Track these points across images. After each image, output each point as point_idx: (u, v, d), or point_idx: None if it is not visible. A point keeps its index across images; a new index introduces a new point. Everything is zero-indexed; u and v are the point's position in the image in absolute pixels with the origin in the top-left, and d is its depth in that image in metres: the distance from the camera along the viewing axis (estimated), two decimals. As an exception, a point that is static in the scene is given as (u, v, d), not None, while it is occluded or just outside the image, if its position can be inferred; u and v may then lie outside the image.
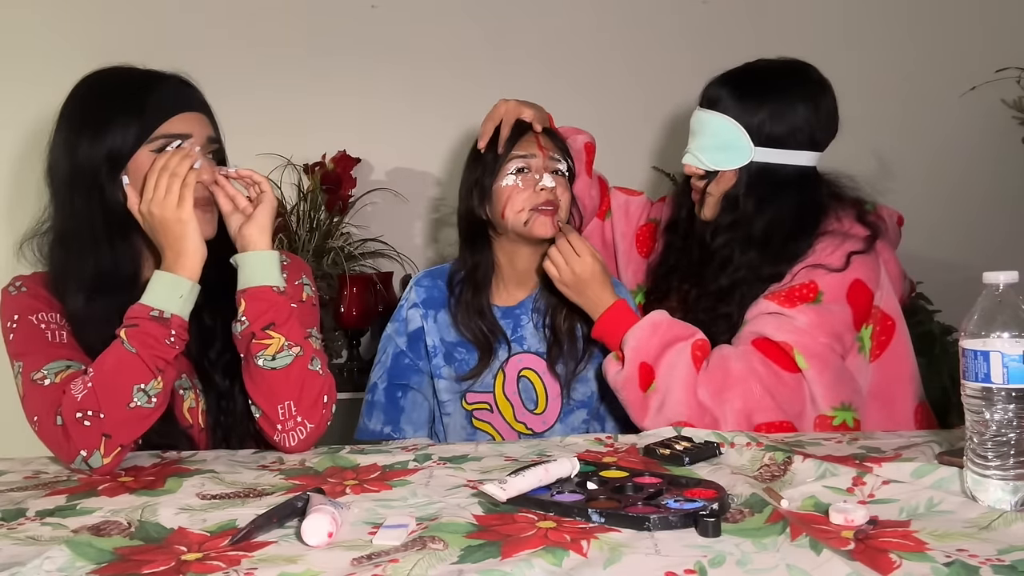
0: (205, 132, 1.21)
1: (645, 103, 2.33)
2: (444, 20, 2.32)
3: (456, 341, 1.53)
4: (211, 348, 1.25)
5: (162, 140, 1.17)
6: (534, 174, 1.45)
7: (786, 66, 1.44)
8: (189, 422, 1.24)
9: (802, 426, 1.29)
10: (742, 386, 1.28)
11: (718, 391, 1.28)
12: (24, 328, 1.18)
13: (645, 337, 1.34)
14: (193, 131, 1.19)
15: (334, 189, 2.17)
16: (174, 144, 1.17)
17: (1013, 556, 0.71)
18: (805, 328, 1.30)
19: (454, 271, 1.56)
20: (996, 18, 2.37)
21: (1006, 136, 2.36)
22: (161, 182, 1.12)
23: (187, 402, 1.24)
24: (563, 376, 1.50)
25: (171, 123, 1.18)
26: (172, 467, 1.10)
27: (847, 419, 1.31)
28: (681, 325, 1.36)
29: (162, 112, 1.18)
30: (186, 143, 1.18)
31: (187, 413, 1.24)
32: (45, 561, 0.74)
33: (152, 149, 1.17)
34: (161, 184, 1.12)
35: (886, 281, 1.38)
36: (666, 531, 0.79)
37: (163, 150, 1.17)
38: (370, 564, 0.73)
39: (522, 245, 1.49)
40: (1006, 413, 0.82)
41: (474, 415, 1.53)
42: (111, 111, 1.17)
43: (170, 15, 2.26)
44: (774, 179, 1.39)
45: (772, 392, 1.28)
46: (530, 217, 1.43)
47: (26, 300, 1.20)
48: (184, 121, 1.19)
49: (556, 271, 1.40)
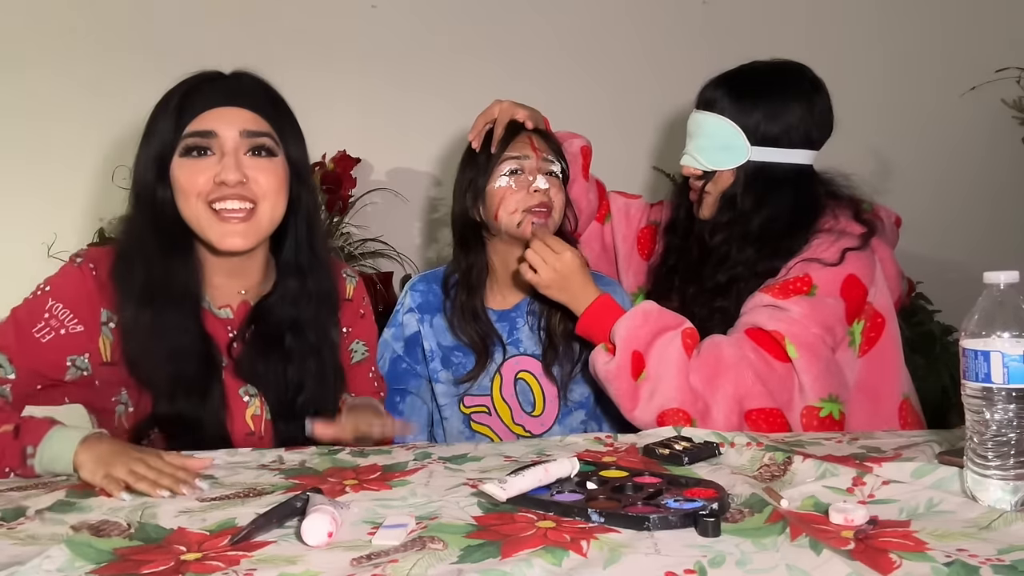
0: (239, 126, 1.14)
1: (645, 103, 2.33)
2: (444, 20, 2.32)
3: (453, 345, 1.53)
4: (294, 389, 1.22)
5: (188, 140, 1.13)
6: (527, 175, 1.45)
7: (781, 67, 1.46)
8: (251, 429, 1.22)
9: (790, 415, 1.30)
10: (734, 372, 1.29)
11: (710, 377, 1.29)
12: (36, 305, 1.14)
13: (635, 326, 1.34)
14: (221, 128, 1.13)
15: (334, 189, 2.17)
16: (207, 141, 1.13)
17: (1013, 556, 0.71)
18: (798, 318, 1.31)
19: (448, 273, 1.56)
20: (996, 18, 2.37)
21: (1006, 136, 2.36)
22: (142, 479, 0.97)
23: (251, 408, 1.22)
24: (559, 378, 1.50)
25: (199, 120, 1.14)
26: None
27: (833, 411, 1.31)
28: (670, 314, 1.37)
29: (192, 110, 1.14)
30: (211, 141, 1.13)
31: (250, 420, 1.22)
32: (45, 561, 0.74)
33: (179, 152, 1.14)
34: (141, 483, 0.96)
35: (881, 279, 1.39)
36: (666, 531, 0.79)
37: (188, 153, 1.13)
38: (369, 564, 0.73)
39: (516, 247, 1.49)
40: (1006, 413, 0.82)
41: (472, 418, 1.53)
42: (159, 116, 1.16)
43: (170, 15, 2.26)
44: (771, 177, 1.41)
45: (763, 379, 1.29)
46: (523, 219, 1.43)
47: (71, 287, 1.15)
48: (214, 117, 1.14)
49: (533, 274, 1.39)
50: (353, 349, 1.36)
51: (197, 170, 1.13)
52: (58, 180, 2.22)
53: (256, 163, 1.15)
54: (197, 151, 1.14)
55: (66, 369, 1.15)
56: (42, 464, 1.03)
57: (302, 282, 1.24)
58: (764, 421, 1.28)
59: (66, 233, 2.13)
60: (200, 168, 1.13)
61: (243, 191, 1.14)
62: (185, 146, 1.14)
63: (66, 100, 2.22)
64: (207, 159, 1.14)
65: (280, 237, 1.24)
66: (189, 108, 1.14)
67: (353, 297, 1.37)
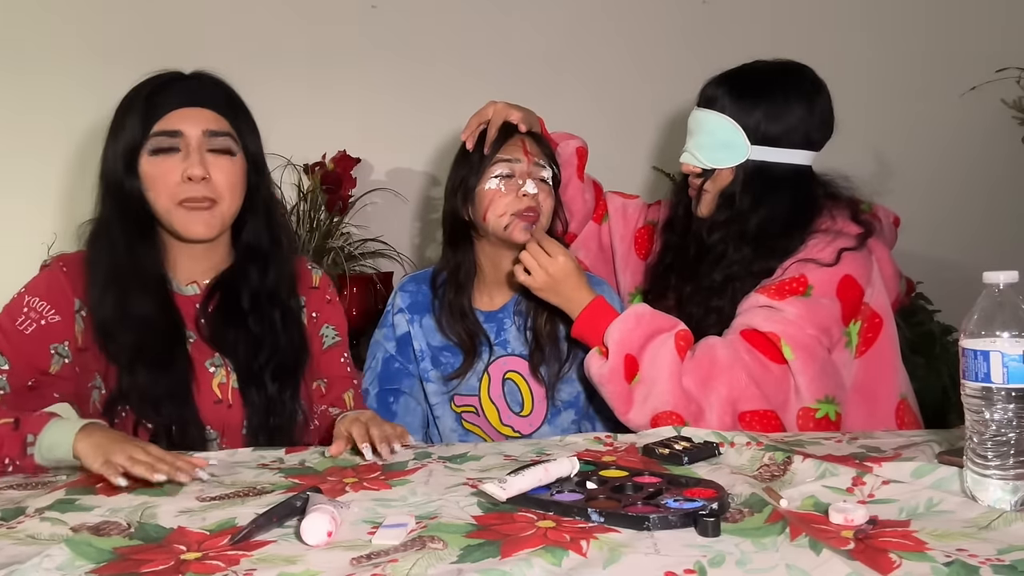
0: (202, 126, 1.24)
1: (645, 103, 2.33)
2: (444, 20, 2.32)
3: (442, 345, 1.53)
4: (260, 354, 1.29)
5: (155, 139, 1.22)
6: (518, 179, 1.45)
7: (782, 67, 1.45)
8: (218, 396, 1.27)
9: (785, 417, 1.30)
10: (728, 374, 1.29)
11: (704, 379, 1.29)
12: (14, 305, 1.23)
13: (628, 329, 1.34)
14: (187, 128, 1.22)
15: (334, 189, 2.17)
16: (170, 141, 1.22)
17: (1013, 556, 0.71)
18: (793, 319, 1.31)
19: (437, 272, 1.57)
20: (996, 18, 2.37)
21: (1006, 136, 2.36)
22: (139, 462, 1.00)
23: (217, 378, 1.28)
24: (547, 379, 1.50)
25: (166, 120, 1.23)
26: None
27: (829, 412, 1.31)
28: (663, 317, 1.37)
29: (159, 110, 1.23)
30: (177, 140, 1.22)
31: (216, 388, 1.27)
32: (44, 560, 0.74)
33: (148, 150, 1.22)
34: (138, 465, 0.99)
35: (878, 279, 1.39)
36: (666, 531, 0.79)
37: (157, 152, 1.22)
38: (369, 564, 0.73)
39: (504, 249, 1.49)
40: (1006, 413, 0.82)
41: (463, 417, 1.53)
42: (126, 113, 1.25)
43: (170, 14, 2.26)
44: (770, 176, 1.41)
45: (758, 381, 1.29)
46: (511, 222, 1.44)
47: (44, 283, 1.24)
48: (179, 117, 1.23)
49: (527, 276, 1.40)
50: (324, 334, 1.42)
51: (166, 168, 1.22)
52: (58, 180, 2.22)
53: (217, 161, 1.25)
54: (165, 149, 1.23)
55: (51, 358, 1.22)
56: (41, 452, 1.06)
57: (261, 259, 1.33)
58: (758, 423, 1.28)
59: (66, 233, 2.13)
60: (169, 166, 1.23)
61: (206, 189, 1.24)
62: (155, 145, 1.22)
63: (67, 101, 2.22)
64: (174, 156, 1.23)
65: (241, 223, 1.33)
66: (156, 108, 1.23)
67: (319, 285, 1.43)
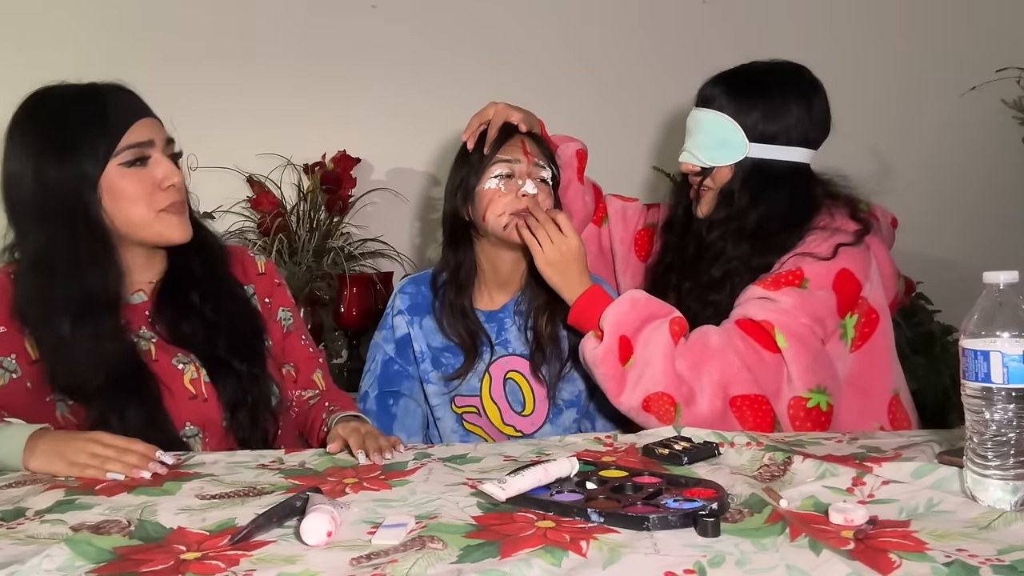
0: (163, 135, 1.25)
1: (645, 103, 2.33)
2: (444, 20, 2.32)
3: (442, 346, 1.53)
4: (219, 339, 1.29)
5: (128, 152, 1.20)
6: (517, 179, 1.46)
7: (780, 67, 1.47)
8: (192, 392, 1.26)
9: (777, 406, 1.31)
10: (720, 358, 1.30)
11: (696, 363, 1.30)
12: None
13: (624, 311, 1.36)
14: (154, 136, 1.23)
15: (334, 189, 2.17)
16: (146, 151, 1.21)
17: (1013, 556, 0.71)
18: (787, 309, 1.32)
19: (437, 272, 1.57)
20: (996, 18, 2.37)
21: (1006, 136, 2.36)
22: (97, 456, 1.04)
23: (187, 374, 1.27)
24: (548, 379, 1.50)
25: (132, 132, 1.21)
26: (170, 471, 1.09)
27: (821, 402, 1.32)
28: (659, 303, 1.39)
29: (122, 122, 1.21)
30: (149, 149, 1.22)
31: (189, 384, 1.27)
32: (44, 560, 0.74)
33: (120, 163, 1.20)
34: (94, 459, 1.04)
35: (876, 276, 1.40)
36: (665, 531, 0.79)
37: (132, 164, 1.20)
38: (369, 564, 0.73)
39: (503, 249, 1.50)
40: (1006, 413, 0.82)
41: (464, 418, 1.53)
42: (74, 130, 1.19)
43: (170, 14, 2.26)
44: (768, 174, 1.42)
45: (750, 367, 1.30)
46: (510, 222, 1.44)
47: None
48: (144, 128, 1.23)
49: (538, 247, 1.40)
50: (281, 317, 1.42)
51: (141, 178, 1.22)
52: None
53: (174, 166, 1.26)
54: (140, 161, 1.22)
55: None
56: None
57: (196, 250, 1.32)
58: (749, 408, 1.29)
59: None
60: (144, 176, 1.22)
61: (179, 194, 1.26)
62: (129, 157, 1.20)
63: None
64: (147, 166, 1.23)
65: None
66: (117, 121, 1.21)
67: (266, 271, 1.43)
